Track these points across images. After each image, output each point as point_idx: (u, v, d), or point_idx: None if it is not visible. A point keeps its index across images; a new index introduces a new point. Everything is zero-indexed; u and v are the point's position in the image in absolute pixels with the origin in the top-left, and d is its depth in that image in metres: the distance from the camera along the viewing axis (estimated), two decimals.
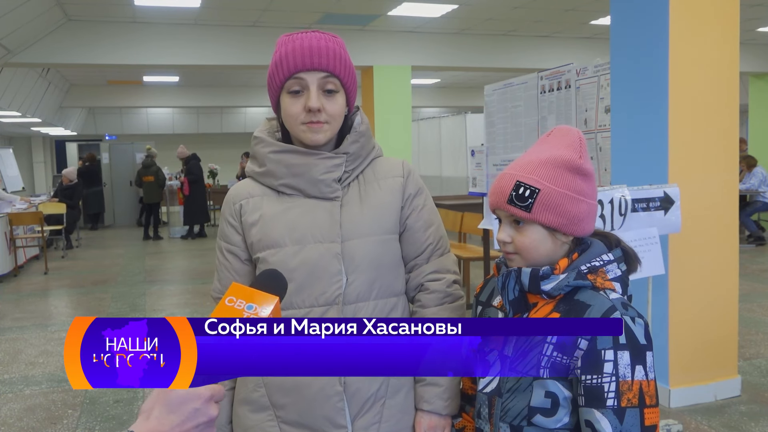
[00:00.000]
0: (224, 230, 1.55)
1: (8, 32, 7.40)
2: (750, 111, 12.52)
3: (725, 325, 4.16)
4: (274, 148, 1.49)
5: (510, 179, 1.28)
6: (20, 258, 9.72)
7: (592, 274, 1.27)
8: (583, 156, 1.30)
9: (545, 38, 10.19)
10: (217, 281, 1.57)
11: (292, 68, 1.41)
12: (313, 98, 1.41)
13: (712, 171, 4.06)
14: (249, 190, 1.53)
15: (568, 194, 1.26)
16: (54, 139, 21.17)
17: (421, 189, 1.57)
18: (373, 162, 1.56)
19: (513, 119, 5.94)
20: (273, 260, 1.45)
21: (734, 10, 4.03)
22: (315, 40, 1.43)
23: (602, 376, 1.19)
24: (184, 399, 0.87)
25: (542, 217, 1.25)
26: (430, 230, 1.55)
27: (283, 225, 1.46)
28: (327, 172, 1.46)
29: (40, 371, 5.05)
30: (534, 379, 1.24)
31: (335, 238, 1.44)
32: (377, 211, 1.49)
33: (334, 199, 1.47)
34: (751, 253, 9.57)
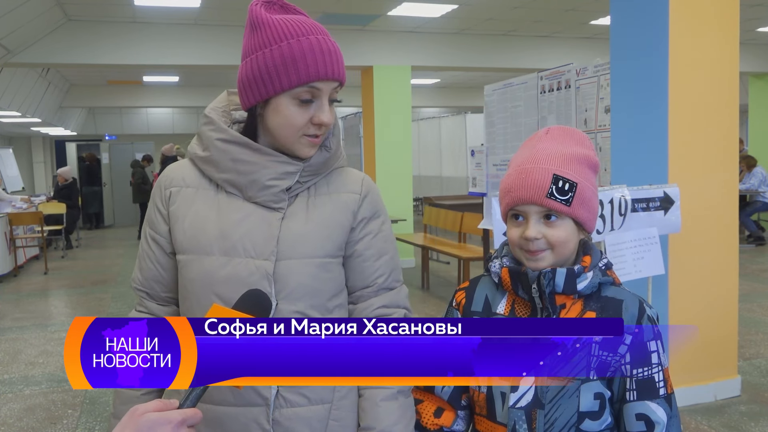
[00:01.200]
0: (151, 216, 1.36)
1: (8, 32, 7.40)
2: (750, 111, 12.52)
3: (725, 325, 4.16)
4: (223, 135, 1.29)
5: (545, 173, 1.23)
6: (20, 258, 9.72)
7: (609, 270, 1.29)
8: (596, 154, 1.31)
9: (545, 38, 10.19)
10: (138, 271, 1.39)
11: (313, 75, 1.21)
12: (327, 112, 1.25)
13: (712, 171, 4.06)
14: (184, 177, 1.34)
15: (594, 190, 1.27)
16: (54, 139, 21.17)
17: (378, 212, 1.39)
18: (332, 173, 1.36)
19: (513, 119, 5.94)
20: (196, 267, 1.29)
21: (734, 10, 4.03)
22: (330, 42, 1.25)
23: (651, 367, 1.21)
24: (155, 423, 0.85)
25: (579, 211, 1.24)
26: (382, 260, 1.36)
27: (214, 230, 1.28)
28: (277, 179, 1.27)
29: (40, 371, 5.05)
30: (582, 382, 1.21)
31: (269, 255, 1.26)
32: (323, 229, 1.30)
33: (277, 210, 1.28)
34: (750, 253, 9.57)
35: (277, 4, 1.27)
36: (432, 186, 14.00)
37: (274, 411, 1.26)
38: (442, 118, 14.17)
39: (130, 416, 0.88)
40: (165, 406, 0.89)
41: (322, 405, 1.28)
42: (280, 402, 1.26)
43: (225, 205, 1.30)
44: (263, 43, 1.22)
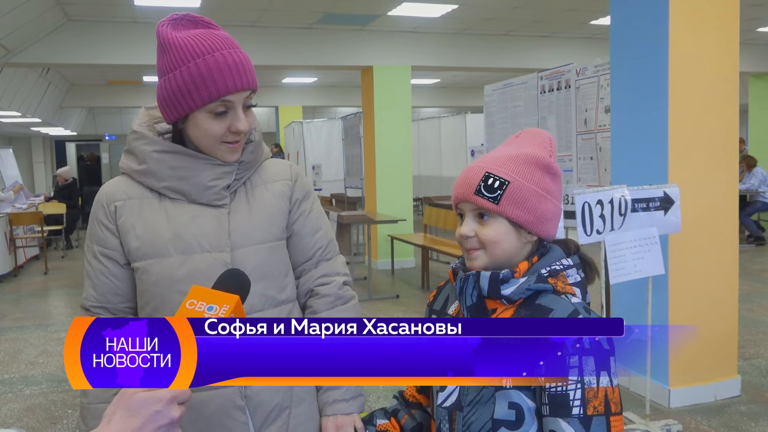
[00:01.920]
0: (97, 233, 1.41)
1: (8, 32, 7.40)
2: (750, 111, 12.53)
3: (725, 325, 4.16)
4: (158, 147, 1.38)
5: (478, 170, 1.24)
6: (20, 258, 9.72)
7: (552, 277, 1.22)
8: (552, 155, 1.27)
9: (545, 38, 10.19)
10: (91, 288, 1.43)
11: (222, 90, 1.29)
12: (243, 121, 1.33)
13: (712, 171, 4.06)
14: (125, 190, 1.41)
15: (537, 191, 1.23)
16: (54, 139, 21.17)
17: (308, 193, 1.52)
18: (261, 165, 1.49)
19: (513, 119, 5.94)
20: (156, 270, 1.36)
21: (734, 10, 4.03)
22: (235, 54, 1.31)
23: (567, 383, 1.14)
24: (145, 402, 0.87)
25: (510, 210, 1.21)
26: (318, 234, 1.50)
27: (166, 233, 1.36)
28: (216, 179, 1.38)
29: (39, 371, 5.05)
30: (496, 389, 1.19)
31: (224, 247, 1.37)
32: (266, 216, 1.43)
33: (221, 207, 1.40)
34: (750, 253, 9.57)
35: (185, 19, 1.36)
36: (432, 186, 14.00)
37: (246, 388, 1.37)
38: (442, 118, 14.16)
39: (120, 397, 0.89)
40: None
41: None
42: None
43: (172, 210, 1.38)
44: (173, 64, 1.31)
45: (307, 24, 8.93)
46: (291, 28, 8.89)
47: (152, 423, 0.87)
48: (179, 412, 0.89)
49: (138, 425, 0.86)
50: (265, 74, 13.77)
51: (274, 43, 8.95)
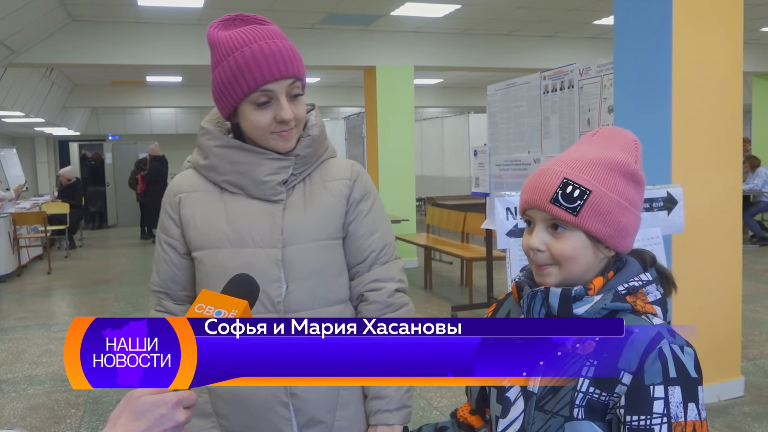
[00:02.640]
0: (163, 222, 1.48)
1: (12, 32, 7.42)
2: (753, 111, 12.50)
3: (729, 326, 4.15)
4: (219, 142, 1.41)
5: (555, 175, 1.10)
6: (23, 258, 9.74)
7: (631, 295, 1.10)
8: (638, 161, 1.15)
9: (548, 38, 10.17)
10: (155, 274, 1.50)
11: (260, 80, 1.31)
12: (286, 109, 1.34)
13: (716, 171, 4.05)
14: (191, 183, 1.46)
15: (620, 202, 1.10)
16: (57, 139, 21.21)
17: (368, 193, 1.50)
18: (323, 164, 1.48)
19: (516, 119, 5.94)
20: (210, 261, 1.40)
21: (738, 10, 4.02)
22: (273, 43, 1.33)
23: (652, 416, 1.01)
24: (150, 405, 0.87)
25: (590, 223, 1.08)
26: (374, 237, 1.48)
27: (223, 225, 1.40)
28: (272, 174, 1.39)
29: (43, 371, 5.06)
30: (566, 419, 1.07)
31: (276, 243, 1.38)
32: (321, 215, 1.42)
33: (277, 202, 1.41)
34: (754, 253, 9.54)
35: (237, 19, 1.38)
36: (435, 186, 13.99)
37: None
38: (445, 118, 14.16)
39: (126, 400, 0.89)
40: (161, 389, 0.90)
41: None
42: None
43: (230, 204, 1.41)
44: (217, 60, 1.35)
45: (310, 24, 8.93)
46: (294, 28, 8.89)
47: (157, 426, 0.87)
48: (185, 416, 0.90)
49: (143, 428, 0.86)
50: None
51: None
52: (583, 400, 1.06)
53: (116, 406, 0.90)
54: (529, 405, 1.12)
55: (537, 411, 1.11)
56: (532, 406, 1.12)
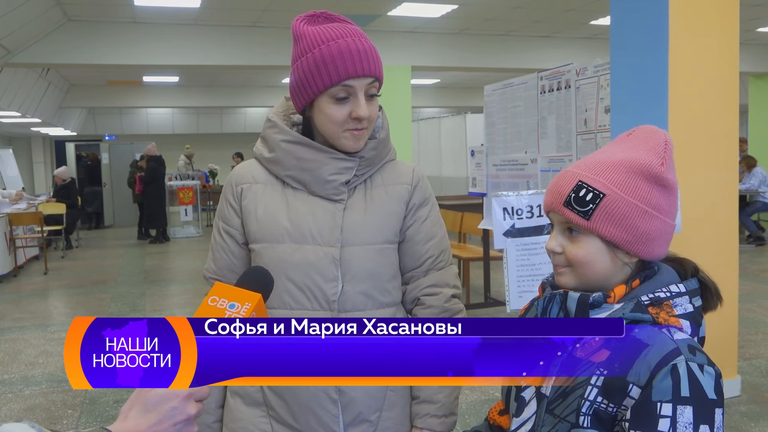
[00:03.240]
0: (224, 211, 1.49)
1: (8, 32, 7.40)
2: (750, 111, 12.53)
3: (725, 326, 4.16)
4: (287, 137, 1.42)
5: (571, 178, 1.09)
6: (20, 258, 9.72)
7: (654, 307, 1.06)
8: (665, 163, 1.11)
9: (545, 38, 10.19)
10: (212, 261, 1.52)
11: (342, 75, 1.33)
12: (363, 107, 1.36)
13: (712, 171, 4.06)
14: (253, 174, 1.47)
15: (638, 206, 1.07)
16: (54, 139, 21.17)
17: (427, 199, 1.51)
18: (385, 165, 1.50)
19: (513, 119, 5.95)
20: (269, 254, 1.41)
21: (734, 10, 4.03)
22: (359, 41, 1.36)
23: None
24: (161, 398, 0.87)
25: (602, 227, 1.06)
26: (431, 243, 1.48)
27: (284, 220, 1.41)
28: (336, 174, 1.40)
29: (39, 371, 5.05)
30: (572, 426, 1.06)
31: (335, 242, 1.39)
32: (381, 218, 1.43)
33: (339, 202, 1.42)
34: (750, 253, 9.57)
35: (321, 16, 1.41)
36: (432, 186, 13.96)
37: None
38: (442, 118, 14.17)
39: (137, 394, 0.89)
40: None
41: None
42: None
43: (292, 199, 1.43)
44: (301, 52, 1.37)
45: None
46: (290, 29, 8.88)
47: (168, 419, 0.87)
48: (196, 408, 0.90)
49: (154, 421, 0.87)
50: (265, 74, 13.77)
51: (274, 44, 8.95)
52: (590, 408, 1.04)
53: (126, 399, 0.90)
54: (541, 407, 1.12)
55: (547, 414, 1.10)
56: (543, 409, 1.11)
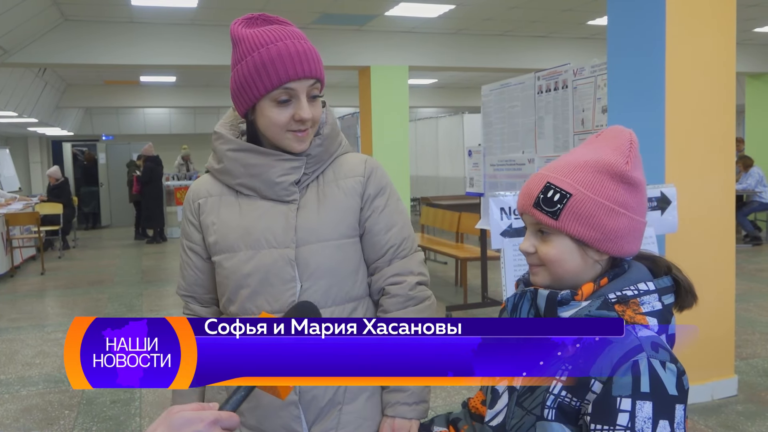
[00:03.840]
0: (185, 228, 1.52)
1: (5, 32, 7.38)
2: (747, 111, 12.55)
3: (722, 325, 4.17)
4: (232, 146, 1.42)
5: (540, 179, 1.13)
6: (17, 258, 9.70)
7: (621, 304, 1.09)
8: (630, 162, 1.12)
9: (542, 38, 10.20)
10: (181, 278, 1.55)
11: (283, 78, 1.32)
12: (306, 109, 1.35)
13: (709, 171, 4.07)
14: (208, 188, 1.49)
15: (605, 204, 1.09)
16: (51, 139, 21.13)
17: (383, 189, 1.50)
18: (336, 160, 1.49)
19: (510, 119, 5.95)
20: (228, 265, 1.42)
21: (731, 11, 4.04)
22: (298, 43, 1.35)
23: (615, 428, 1.01)
24: (188, 421, 0.87)
25: (571, 227, 1.09)
26: (392, 232, 1.48)
27: (239, 229, 1.42)
28: (284, 175, 1.40)
29: (36, 372, 5.04)
30: (537, 418, 1.09)
31: (289, 243, 1.39)
32: (335, 214, 1.43)
33: (291, 202, 1.42)
34: (747, 253, 9.59)
35: (259, 19, 1.40)
36: (429, 186, 14.01)
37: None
38: (440, 118, 14.17)
39: (166, 415, 0.89)
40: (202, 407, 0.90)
41: None
42: None
43: (245, 206, 1.43)
44: (240, 56, 1.37)
45: (304, 24, 8.92)
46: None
47: None
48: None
49: None
50: None
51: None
52: (554, 402, 1.07)
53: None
54: (512, 399, 1.16)
55: (517, 406, 1.14)
56: (514, 401, 1.15)
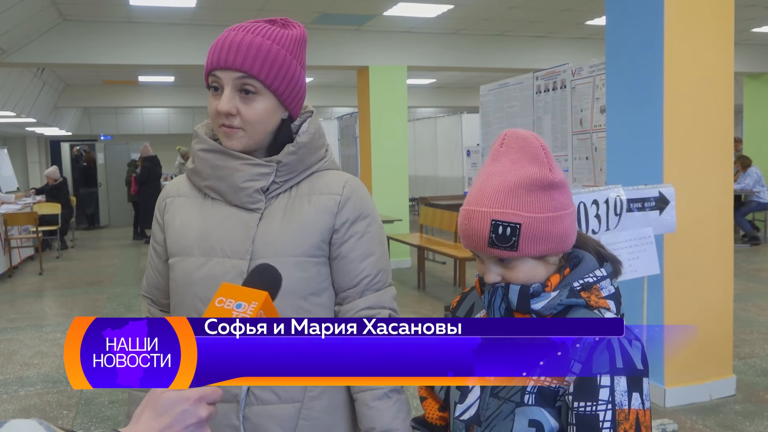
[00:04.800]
0: (153, 227, 1.47)
1: (3, 32, 7.38)
2: (745, 111, 12.56)
3: (720, 325, 4.18)
4: (203, 145, 1.36)
5: (483, 218, 1.13)
6: (15, 258, 9.69)
7: (585, 291, 1.16)
8: (552, 167, 1.14)
9: (541, 38, 10.20)
10: (144, 278, 1.48)
11: (210, 65, 1.30)
12: (223, 100, 1.28)
13: (708, 171, 4.07)
14: (178, 188, 1.43)
15: (549, 216, 1.13)
16: (49, 139, 21.11)
17: (363, 214, 1.38)
18: (315, 175, 1.39)
19: (509, 119, 5.96)
20: (179, 268, 1.35)
21: (729, 11, 4.05)
22: (240, 35, 1.29)
23: (597, 403, 1.07)
24: (172, 402, 0.87)
25: (530, 250, 1.13)
26: (368, 261, 1.37)
27: (196, 232, 1.34)
28: (250, 180, 1.31)
29: (35, 372, 5.04)
30: (517, 405, 1.13)
31: (244, 255, 1.30)
32: (298, 229, 1.32)
33: (254, 211, 1.33)
34: (745, 252, 9.60)
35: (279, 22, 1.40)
36: (428, 186, 14.01)
37: (245, 408, 1.30)
38: (438, 118, 14.18)
39: (148, 398, 0.90)
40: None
41: (293, 404, 1.31)
42: (250, 399, 1.30)
43: (208, 210, 1.36)
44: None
45: (303, 24, 8.91)
46: None
47: (180, 423, 0.87)
48: (207, 411, 0.89)
49: (165, 424, 0.87)
50: None
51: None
52: (534, 387, 1.11)
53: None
54: (485, 391, 1.18)
55: (491, 397, 1.16)
56: (487, 393, 1.17)
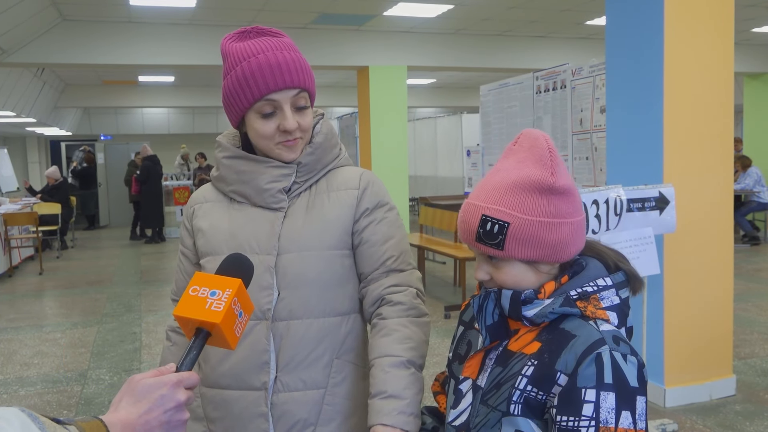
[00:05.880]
0: (181, 232, 1.56)
1: (3, 32, 7.38)
2: (745, 111, 12.56)
3: (720, 325, 4.17)
4: (227, 153, 1.45)
5: (475, 212, 1.12)
6: (15, 258, 9.69)
7: (582, 300, 1.11)
8: (555, 171, 1.10)
9: (541, 38, 10.20)
10: (174, 283, 1.56)
11: (263, 90, 1.32)
12: (290, 120, 1.35)
13: (708, 171, 4.07)
14: (205, 195, 1.52)
15: (543, 221, 1.09)
16: (49, 139, 21.12)
17: (380, 202, 1.46)
18: (331, 172, 1.48)
19: (509, 119, 5.96)
20: (210, 267, 1.41)
21: (729, 11, 4.04)
22: (280, 54, 1.34)
23: (580, 418, 1.03)
24: (150, 387, 0.90)
25: (517, 252, 1.10)
26: (389, 243, 1.44)
27: (225, 233, 1.43)
28: (273, 182, 1.41)
29: (34, 372, 5.04)
30: (503, 414, 1.11)
31: (271, 251, 1.39)
32: (320, 224, 1.41)
33: (278, 210, 1.42)
34: (745, 252, 9.59)
35: (252, 32, 1.39)
36: (428, 186, 14.01)
37: (273, 395, 1.39)
38: (438, 118, 14.17)
39: (127, 385, 0.92)
40: (161, 372, 0.93)
41: (317, 390, 1.40)
42: (278, 387, 1.38)
43: (236, 212, 1.45)
44: (226, 71, 1.38)
45: (303, 24, 8.92)
46: (287, 28, 8.88)
47: (159, 407, 0.89)
48: (186, 395, 0.92)
49: (145, 410, 0.89)
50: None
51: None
52: (521, 397, 1.09)
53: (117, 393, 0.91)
54: (476, 398, 1.17)
55: (481, 405, 1.16)
56: (478, 400, 1.17)
